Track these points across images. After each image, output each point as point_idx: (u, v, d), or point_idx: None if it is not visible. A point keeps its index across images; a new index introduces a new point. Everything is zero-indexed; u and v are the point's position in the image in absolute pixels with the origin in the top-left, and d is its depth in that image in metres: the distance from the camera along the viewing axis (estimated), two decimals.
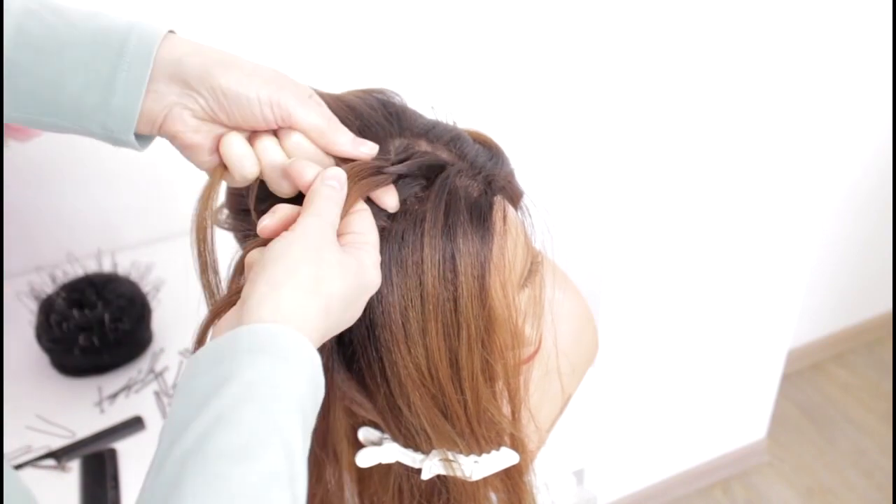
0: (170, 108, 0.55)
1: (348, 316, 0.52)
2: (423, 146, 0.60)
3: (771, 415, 2.08)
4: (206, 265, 0.59)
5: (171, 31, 0.56)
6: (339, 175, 0.54)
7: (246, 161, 0.57)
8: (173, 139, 0.57)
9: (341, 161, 0.58)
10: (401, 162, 0.58)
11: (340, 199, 0.53)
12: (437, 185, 0.57)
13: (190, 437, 0.42)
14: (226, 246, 0.66)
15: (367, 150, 0.57)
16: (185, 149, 0.58)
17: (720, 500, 2.05)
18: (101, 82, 0.53)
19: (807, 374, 2.34)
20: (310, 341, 0.47)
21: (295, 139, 0.57)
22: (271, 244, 0.50)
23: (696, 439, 1.99)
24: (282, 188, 0.57)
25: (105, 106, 0.54)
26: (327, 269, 0.49)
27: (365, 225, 0.54)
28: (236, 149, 0.56)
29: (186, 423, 0.43)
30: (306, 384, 0.46)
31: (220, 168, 0.58)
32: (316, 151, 0.57)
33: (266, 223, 0.53)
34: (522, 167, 0.69)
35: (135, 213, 1.35)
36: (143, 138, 0.58)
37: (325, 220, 0.51)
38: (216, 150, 0.57)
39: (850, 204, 2.07)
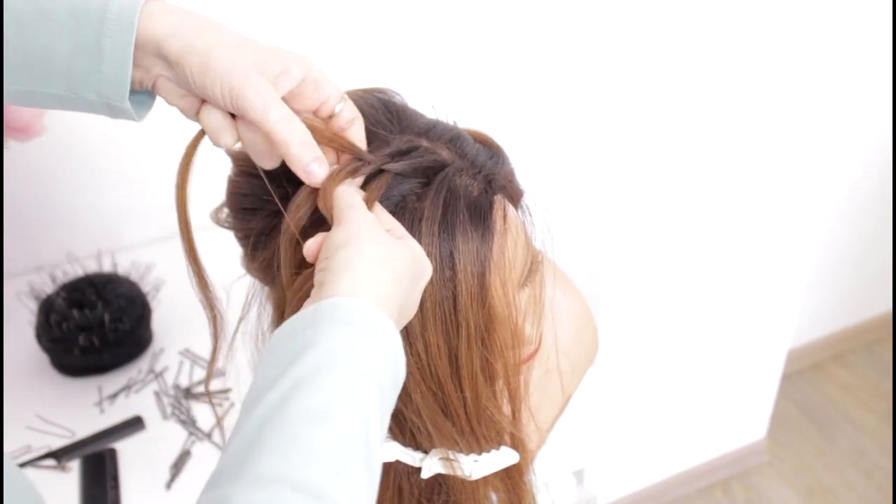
0: (156, 78, 0.56)
1: (414, 296, 0.53)
2: (424, 145, 0.60)
3: (771, 415, 2.08)
4: (187, 225, 0.61)
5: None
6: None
7: (223, 133, 0.57)
8: (165, 101, 0.59)
9: (336, 154, 0.58)
10: (401, 160, 0.58)
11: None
12: (437, 184, 0.57)
13: (269, 400, 0.44)
14: (226, 245, 0.66)
15: (319, 174, 0.56)
16: (175, 107, 0.59)
17: (720, 500, 2.05)
18: (88, 48, 0.54)
19: (807, 374, 2.34)
20: (386, 314, 0.49)
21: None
22: (330, 236, 0.52)
23: (696, 439, 1.99)
24: (262, 163, 0.58)
25: (97, 72, 0.54)
26: (391, 246, 0.52)
27: (393, 221, 0.56)
28: (213, 121, 0.57)
29: (266, 388, 0.44)
30: (383, 356, 0.47)
31: (200, 132, 0.59)
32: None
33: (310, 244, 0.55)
34: (523, 167, 0.69)
35: (135, 213, 1.35)
36: (139, 109, 0.58)
37: (369, 214, 0.54)
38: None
39: (850, 204, 2.07)
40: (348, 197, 0.55)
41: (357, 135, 0.59)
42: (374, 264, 0.50)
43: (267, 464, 0.41)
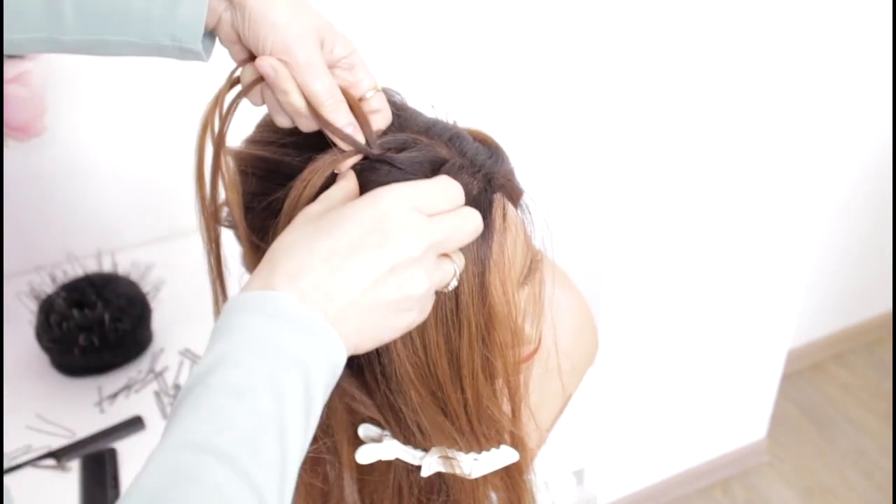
0: (218, 18, 0.58)
1: (379, 258, 0.51)
2: (423, 142, 0.60)
3: (771, 415, 2.08)
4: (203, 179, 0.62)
5: None
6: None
7: (257, 91, 0.59)
8: (219, 39, 0.60)
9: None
10: (400, 153, 0.58)
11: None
12: None
13: (194, 374, 0.47)
14: (226, 245, 0.66)
15: (359, 138, 0.58)
16: (227, 49, 0.61)
17: (720, 500, 2.05)
18: (163, 4, 0.56)
19: (807, 374, 2.34)
20: (315, 300, 0.49)
21: (293, 100, 0.57)
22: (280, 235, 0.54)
23: (696, 439, 1.99)
24: (283, 122, 0.60)
25: (173, 17, 0.56)
26: (323, 225, 0.52)
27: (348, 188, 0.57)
28: (251, 77, 0.59)
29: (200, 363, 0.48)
30: (306, 345, 0.48)
31: (234, 79, 0.61)
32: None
33: None
34: (522, 166, 0.69)
35: (135, 213, 1.35)
36: (206, 47, 0.60)
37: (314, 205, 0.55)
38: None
39: (850, 204, 2.07)
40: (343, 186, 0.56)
41: (378, 124, 0.60)
42: (298, 252, 0.50)
43: (185, 431, 0.44)
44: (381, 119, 0.60)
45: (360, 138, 0.58)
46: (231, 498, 0.42)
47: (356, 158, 0.58)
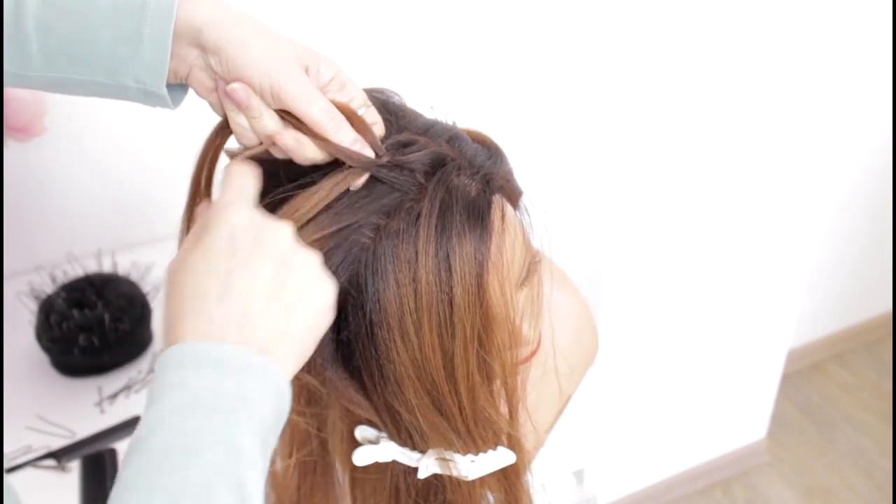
0: (190, 68, 0.57)
1: (258, 260, 0.51)
2: (422, 141, 0.60)
3: (771, 415, 2.08)
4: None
5: None
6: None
7: (246, 134, 0.58)
8: (195, 90, 0.60)
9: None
10: (401, 153, 0.58)
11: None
12: (434, 182, 0.57)
13: (136, 436, 0.46)
14: None
15: (367, 152, 0.58)
16: (205, 100, 0.60)
17: (720, 500, 2.05)
18: (128, 35, 0.55)
19: (807, 374, 2.34)
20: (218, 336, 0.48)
21: (291, 137, 0.57)
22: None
23: (696, 439, 1.99)
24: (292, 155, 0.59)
25: (136, 58, 0.55)
26: (195, 251, 0.52)
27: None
28: (239, 122, 0.58)
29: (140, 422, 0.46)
30: (247, 384, 0.47)
31: (222, 128, 0.61)
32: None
33: None
34: (521, 167, 0.69)
35: (135, 213, 1.35)
36: (174, 95, 0.60)
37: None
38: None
39: (850, 204, 2.07)
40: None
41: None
42: (193, 292, 0.50)
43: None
44: (376, 131, 0.60)
45: (369, 152, 0.58)
46: None
47: (367, 174, 0.58)
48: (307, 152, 0.57)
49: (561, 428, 0.82)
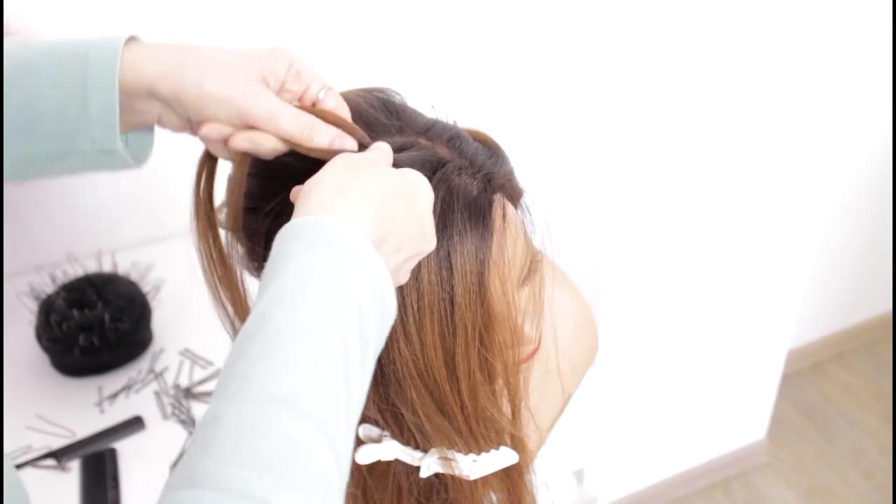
0: (157, 116, 0.58)
1: (410, 219, 0.53)
2: (423, 143, 0.60)
3: (771, 415, 2.08)
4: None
5: (130, 38, 0.57)
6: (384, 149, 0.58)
7: (230, 154, 0.59)
8: (170, 130, 0.60)
9: None
10: (401, 153, 0.58)
11: None
12: (435, 183, 0.57)
13: (253, 317, 0.45)
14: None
15: (349, 143, 0.58)
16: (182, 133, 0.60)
17: (720, 500, 2.05)
18: (74, 97, 0.54)
19: (807, 374, 2.34)
20: (360, 229, 0.49)
21: (244, 138, 0.57)
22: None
23: (696, 439, 1.99)
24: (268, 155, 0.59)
25: (85, 116, 0.55)
26: (356, 170, 0.52)
27: (382, 151, 0.58)
28: (219, 150, 0.59)
29: (258, 300, 0.46)
30: (360, 273, 0.48)
31: (206, 154, 0.62)
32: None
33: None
34: (522, 166, 0.69)
35: (135, 213, 1.35)
36: (141, 149, 0.59)
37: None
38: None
39: (850, 204, 2.07)
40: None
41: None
42: (335, 186, 0.51)
43: (250, 379, 0.43)
44: (342, 112, 0.61)
45: (351, 144, 0.58)
46: (310, 452, 0.41)
47: None
48: (265, 147, 0.57)
49: (561, 428, 0.82)
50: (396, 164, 0.57)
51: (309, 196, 0.51)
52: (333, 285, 0.46)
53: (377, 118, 0.62)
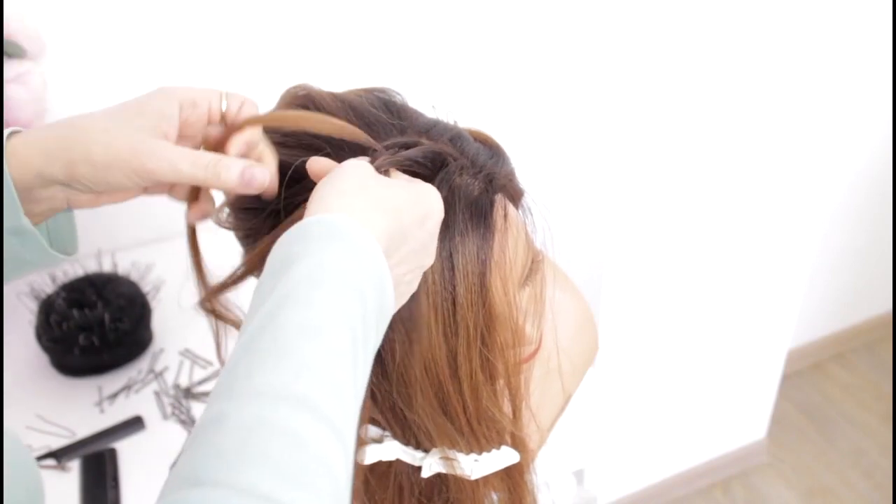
0: (66, 199, 0.55)
1: (421, 236, 0.53)
2: (425, 142, 0.60)
3: (771, 415, 2.08)
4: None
5: (12, 132, 0.54)
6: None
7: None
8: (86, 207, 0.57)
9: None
10: (404, 150, 0.58)
11: None
12: (437, 183, 0.57)
13: (260, 315, 0.44)
14: (228, 245, 0.66)
15: (259, 173, 0.55)
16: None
17: (720, 500, 2.05)
18: None
19: (807, 374, 2.34)
20: (371, 234, 0.49)
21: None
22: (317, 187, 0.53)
23: (696, 439, 1.99)
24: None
25: None
26: (374, 180, 0.52)
27: (399, 174, 0.57)
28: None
29: (258, 304, 0.45)
30: (366, 273, 0.47)
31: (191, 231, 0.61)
32: None
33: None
34: (523, 166, 0.69)
35: (135, 213, 1.35)
36: (61, 241, 0.58)
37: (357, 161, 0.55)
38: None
39: (850, 204, 2.07)
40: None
41: (250, 111, 0.59)
42: (354, 191, 0.50)
43: (258, 378, 0.42)
44: (248, 108, 0.59)
45: (262, 174, 0.55)
46: (320, 451, 0.41)
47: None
48: (211, 211, 0.58)
49: (561, 428, 0.82)
50: (402, 160, 0.57)
51: (322, 199, 0.50)
52: (343, 287, 0.46)
53: (378, 118, 0.62)
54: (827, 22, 1.42)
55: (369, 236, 0.48)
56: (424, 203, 0.53)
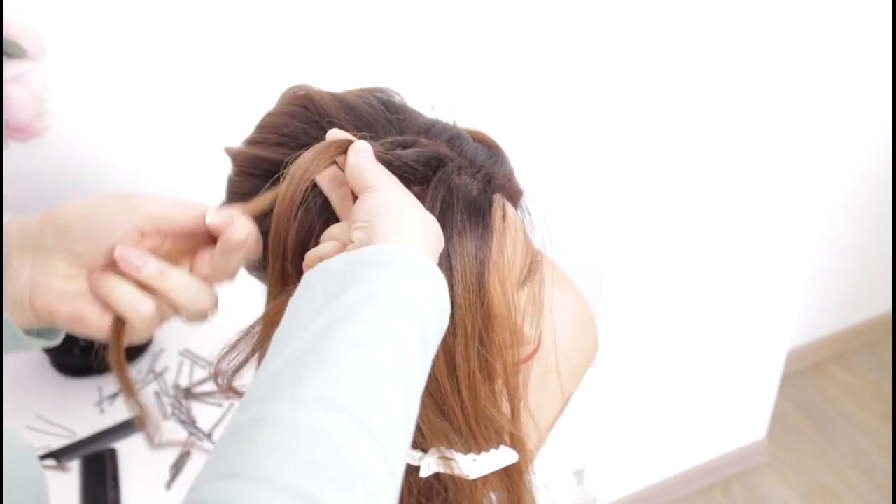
0: (30, 282, 0.51)
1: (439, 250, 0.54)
2: (423, 141, 0.60)
3: (771, 415, 2.08)
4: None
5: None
6: (368, 146, 0.56)
7: (140, 302, 0.52)
8: (52, 317, 0.53)
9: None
10: (403, 150, 0.58)
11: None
12: (435, 183, 0.57)
13: (304, 336, 0.44)
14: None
15: (231, 216, 0.54)
16: (71, 321, 0.53)
17: (720, 500, 2.05)
18: None
19: (807, 374, 2.34)
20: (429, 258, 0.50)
21: (175, 279, 0.52)
22: (367, 198, 0.52)
23: (696, 439, 1.99)
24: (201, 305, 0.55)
25: None
26: (425, 212, 0.53)
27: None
28: (123, 290, 0.52)
29: (301, 326, 0.45)
30: (426, 295, 0.48)
31: (117, 323, 0.54)
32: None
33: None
34: (522, 166, 0.69)
35: None
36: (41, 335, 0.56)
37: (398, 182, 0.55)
38: (101, 305, 0.53)
39: (850, 204, 2.07)
40: (377, 166, 0.56)
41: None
42: (417, 223, 0.51)
43: (301, 387, 0.42)
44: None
45: (240, 227, 0.53)
46: (353, 452, 0.40)
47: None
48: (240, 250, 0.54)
49: (561, 428, 0.82)
50: (399, 161, 0.57)
51: (384, 226, 0.50)
52: (394, 305, 0.46)
53: (377, 118, 0.62)
54: (827, 22, 1.42)
55: (426, 260, 0.49)
56: (438, 234, 0.55)
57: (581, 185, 1.58)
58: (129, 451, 1.04)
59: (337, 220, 0.57)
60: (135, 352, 1.15)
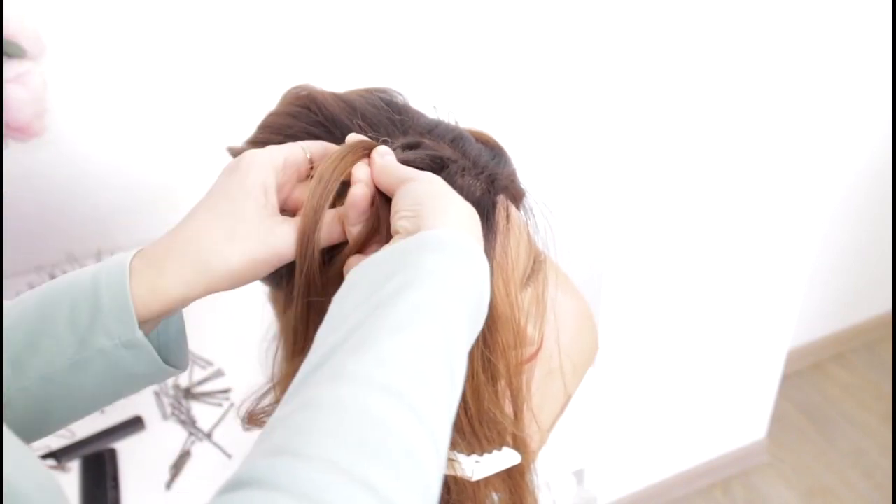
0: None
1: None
2: (427, 143, 0.60)
3: (771, 415, 2.08)
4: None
5: (136, 253, 0.55)
6: (389, 150, 0.57)
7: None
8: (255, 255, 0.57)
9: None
10: (408, 151, 0.58)
11: None
12: None
13: (349, 325, 0.44)
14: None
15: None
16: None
17: (720, 500, 2.05)
18: (86, 306, 0.53)
19: (807, 374, 2.34)
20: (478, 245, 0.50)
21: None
22: (411, 188, 0.53)
23: (696, 439, 1.99)
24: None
25: (97, 310, 0.52)
26: (449, 190, 0.53)
27: None
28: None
29: (346, 316, 0.45)
30: (472, 277, 0.48)
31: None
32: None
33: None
34: (524, 167, 0.69)
35: (134, 214, 1.35)
36: (167, 351, 0.59)
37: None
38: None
39: (850, 204, 2.07)
40: (403, 165, 0.56)
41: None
42: (463, 209, 0.52)
43: (347, 369, 0.42)
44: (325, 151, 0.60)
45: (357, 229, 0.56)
46: (399, 430, 0.41)
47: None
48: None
49: (561, 428, 0.82)
50: (404, 163, 0.57)
51: (433, 215, 0.50)
52: (441, 287, 0.46)
53: (380, 118, 0.62)
54: (827, 22, 1.42)
55: (473, 244, 0.49)
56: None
57: (581, 185, 1.58)
58: (129, 451, 1.04)
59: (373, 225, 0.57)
60: None
